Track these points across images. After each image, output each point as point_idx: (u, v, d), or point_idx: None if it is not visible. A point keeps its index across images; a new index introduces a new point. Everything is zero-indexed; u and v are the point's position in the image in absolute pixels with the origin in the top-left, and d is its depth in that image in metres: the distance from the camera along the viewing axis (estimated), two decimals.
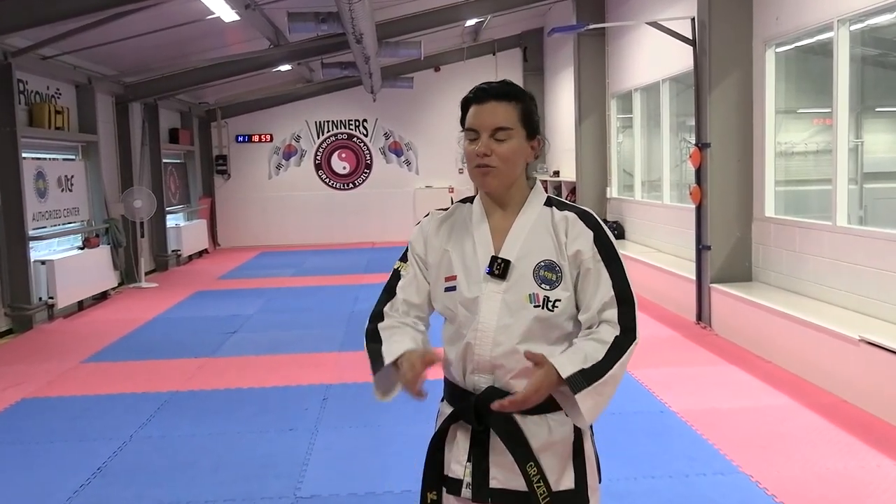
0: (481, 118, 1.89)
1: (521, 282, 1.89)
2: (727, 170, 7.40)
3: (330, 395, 5.70)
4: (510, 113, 1.90)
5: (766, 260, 7.22)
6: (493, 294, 1.90)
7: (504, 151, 1.89)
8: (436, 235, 2.03)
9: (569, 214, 1.94)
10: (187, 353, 7.13)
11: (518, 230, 1.94)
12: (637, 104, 10.79)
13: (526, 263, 1.91)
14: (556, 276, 1.90)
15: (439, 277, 1.98)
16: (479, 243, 1.95)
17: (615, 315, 1.87)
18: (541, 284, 1.89)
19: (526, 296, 1.89)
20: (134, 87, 12.11)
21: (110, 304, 10.10)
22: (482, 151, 1.88)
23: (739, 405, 5.25)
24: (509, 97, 1.90)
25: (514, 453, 1.87)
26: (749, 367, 6.16)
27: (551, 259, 1.91)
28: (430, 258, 2.01)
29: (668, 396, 5.38)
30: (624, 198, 11.46)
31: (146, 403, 5.61)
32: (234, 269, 13.32)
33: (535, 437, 1.89)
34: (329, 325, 8.16)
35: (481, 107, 1.90)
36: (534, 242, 1.92)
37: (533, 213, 1.96)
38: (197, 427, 5.08)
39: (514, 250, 1.92)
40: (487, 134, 1.88)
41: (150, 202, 11.53)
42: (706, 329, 7.44)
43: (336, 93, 16.46)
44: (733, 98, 7.35)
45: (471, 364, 1.92)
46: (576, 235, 1.91)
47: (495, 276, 1.90)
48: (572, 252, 1.90)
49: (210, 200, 16.40)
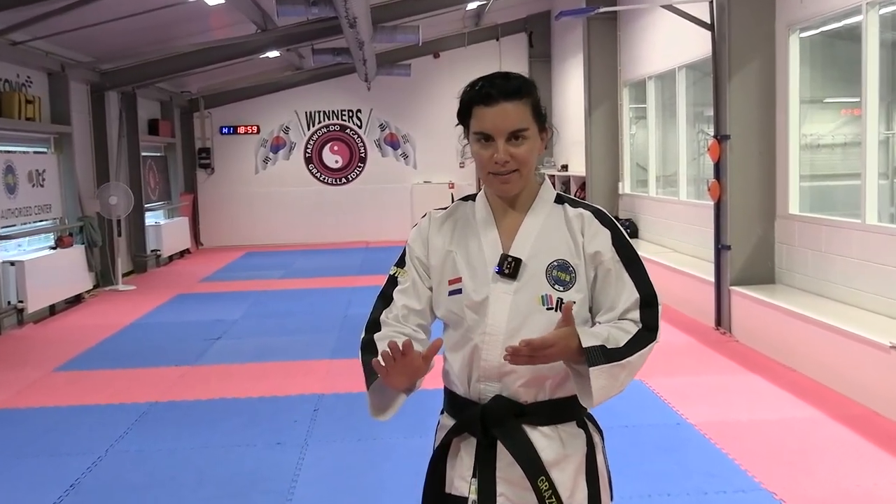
0: (495, 122, 1.87)
1: (532, 282, 1.89)
2: (748, 163, 7.39)
3: (321, 405, 5.69)
4: (523, 112, 1.88)
5: (789, 260, 7.22)
6: (502, 295, 1.89)
7: (523, 154, 1.88)
8: (437, 235, 2.01)
9: (583, 212, 1.95)
10: (167, 361, 7.12)
11: (529, 228, 1.94)
12: (651, 93, 10.78)
13: (538, 263, 1.90)
14: (570, 276, 1.89)
15: (443, 280, 1.97)
16: (487, 242, 1.95)
17: (638, 316, 1.89)
18: (554, 285, 1.89)
19: (538, 297, 1.88)
20: (111, 74, 12.10)
21: (85, 309, 10.09)
22: (503, 159, 1.87)
23: (761, 417, 5.24)
24: (520, 94, 1.88)
25: (524, 467, 1.86)
26: (772, 375, 6.15)
27: (565, 259, 1.91)
28: (431, 260, 2.00)
29: (685, 408, 5.38)
30: (637, 194, 11.46)
31: (123, 415, 5.59)
32: (218, 270, 13.32)
33: (546, 449, 1.89)
34: (320, 331, 8.15)
35: (491, 109, 1.87)
36: (546, 241, 1.92)
37: (543, 211, 1.96)
38: (178, 441, 5.06)
39: (525, 248, 1.92)
40: (503, 138, 1.87)
41: (128, 198, 11.52)
42: (726, 335, 7.44)
43: (328, 81, 16.46)
44: (754, 87, 7.34)
45: (477, 371, 1.92)
46: (593, 235, 1.91)
47: (505, 275, 1.89)
48: (591, 252, 1.91)
49: (192, 197, 16.40)
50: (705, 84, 8.84)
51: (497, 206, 1.98)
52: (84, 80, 11.66)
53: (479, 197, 2.02)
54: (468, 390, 1.94)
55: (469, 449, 1.93)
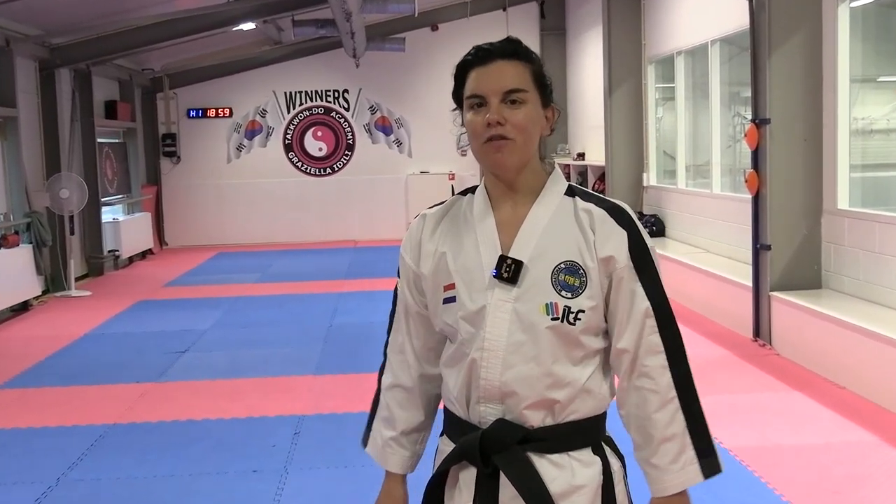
0: (488, 81, 1.89)
1: (535, 288, 1.88)
2: (791, 151, 7.39)
3: (302, 428, 5.69)
4: (522, 73, 1.90)
5: (838, 262, 7.22)
6: (501, 303, 1.88)
7: (520, 119, 1.88)
8: (430, 239, 2.01)
9: (595, 209, 1.93)
10: (127, 378, 7.12)
11: (532, 224, 1.93)
12: (680, 71, 10.79)
13: (542, 265, 1.89)
14: (579, 280, 1.88)
15: (437, 288, 1.97)
16: (483, 241, 1.94)
17: (658, 342, 1.89)
18: (561, 291, 1.88)
19: (542, 305, 1.88)
20: (62, 49, 12.10)
21: (32, 317, 10.10)
22: (494, 119, 1.87)
23: (806, 441, 5.24)
24: (518, 55, 1.91)
25: (528, 501, 1.86)
26: (818, 394, 6.15)
27: (574, 260, 1.89)
28: (423, 268, 2.00)
29: (719, 430, 5.35)
30: (664, 186, 11.46)
31: (76, 439, 5.59)
32: (186, 273, 13.32)
33: (555, 481, 1.88)
34: (302, 343, 8.15)
35: (486, 68, 1.90)
36: (552, 239, 1.91)
37: (551, 204, 1.95)
38: (139, 468, 5.06)
39: (527, 248, 1.91)
40: (498, 98, 1.88)
41: (82, 191, 11.52)
42: (765, 347, 7.44)
43: (310, 57, 16.47)
44: (798, 64, 7.34)
45: (476, 392, 1.91)
46: (606, 236, 1.90)
47: (504, 280, 1.88)
48: (603, 256, 1.89)
49: (155, 189, 16.41)
50: (742, 60, 8.84)
51: (497, 198, 1.97)
52: (32, 56, 11.66)
53: (479, 188, 2.02)
54: (468, 413, 1.94)
55: (468, 479, 1.93)
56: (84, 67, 12.92)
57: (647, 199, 11.90)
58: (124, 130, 15.28)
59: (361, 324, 8.54)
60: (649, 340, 1.88)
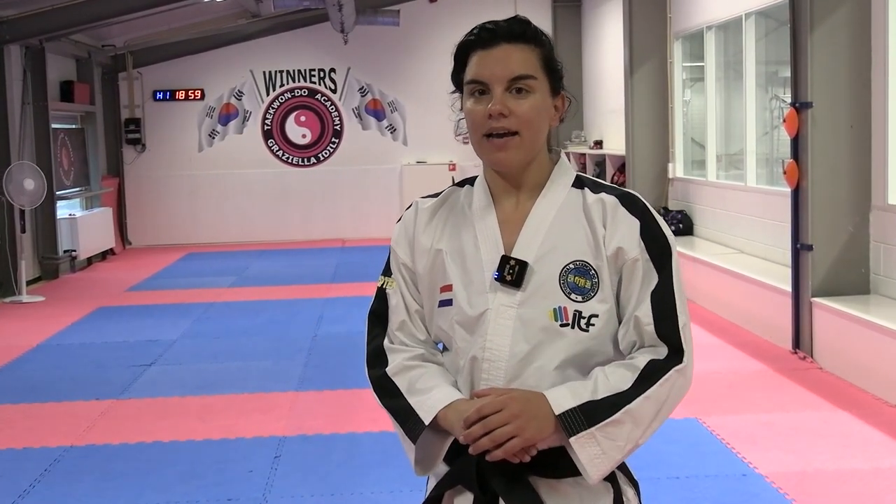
0: (491, 66, 1.90)
1: (542, 291, 1.90)
2: (836, 139, 7.40)
3: (284, 451, 5.70)
4: (530, 58, 1.91)
5: (889, 265, 7.23)
6: (503, 309, 1.90)
7: (526, 111, 1.90)
8: (424, 232, 2.03)
9: (606, 197, 1.95)
10: (85, 395, 7.12)
11: (537, 220, 1.95)
12: (710, 48, 10.80)
13: (549, 266, 1.91)
14: (590, 282, 1.90)
15: (433, 289, 1.98)
16: (484, 239, 1.95)
17: (652, 330, 1.89)
18: (570, 294, 1.90)
19: (550, 311, 1.89)
20: (11, 23, 12.11)
21: None
22: (497, 109, 1.89)
23: (851, 466, 5.25)
24: (526, 38, 1.92)
25: None
26: (865, 412, 6.16)
27: (584, 260, 1.91)
28: (418, 265, 2.01)
29: (754, 454, 5.39)
30: (692, 178, 11.47)
31: (29, 463, 5.59)
32: (151, 276, 13.33)
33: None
34: (283, 356, 8.15)
35: (489, 52, 1.91)
36: (560, 237, 1.93)
37: (558, 198, 1.97)
38: (99, 496, 5.06)
39: (532, 248, 1.92)
40: (502, 87, 1.89)
41: (37, 183, 11.52)
42: (806, 360, 7.45)
43: (293, 32, 16.47)
44: (844, 40, 7.35)
45: None
46: (616, 226, 1.92)
47: (507, 282, 1.90)
48: (613, 250, 1.91)
49: (117, 181, 16.41)
50: (781, 36, 8.85)
51: (499, 191, 1.99)
52: None
53: (478, 180, 2.04)
54: None
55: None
56: (37, 43, 12.92)
57: (672, 193, 11.91)
58: (82, 115, 15.28)
59: (350, 334, 8.52)
60: (648, 328, 1.90)
